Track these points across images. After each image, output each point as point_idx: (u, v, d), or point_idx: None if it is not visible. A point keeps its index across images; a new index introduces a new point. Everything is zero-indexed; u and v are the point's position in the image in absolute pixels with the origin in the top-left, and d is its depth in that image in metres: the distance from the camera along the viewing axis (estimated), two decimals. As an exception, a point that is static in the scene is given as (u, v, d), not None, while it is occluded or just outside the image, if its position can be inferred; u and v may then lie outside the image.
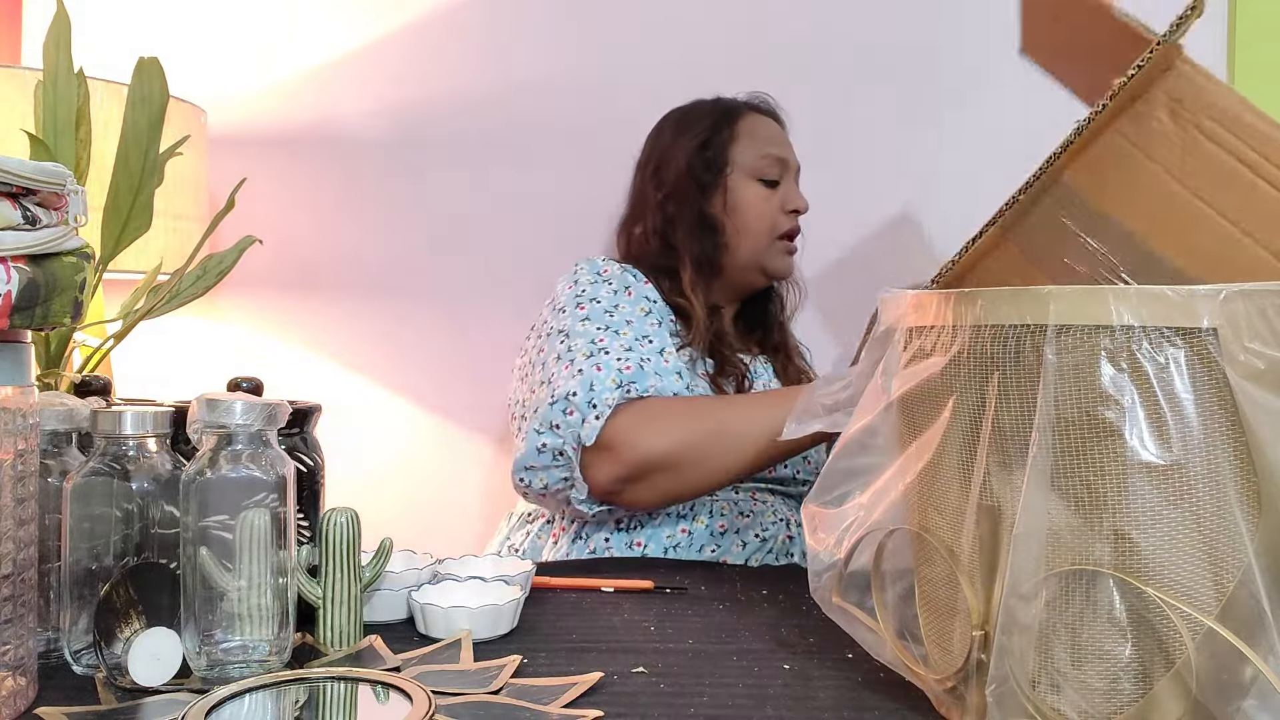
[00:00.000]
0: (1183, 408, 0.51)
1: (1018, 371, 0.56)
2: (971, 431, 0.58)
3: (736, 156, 1.33)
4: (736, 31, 1.89)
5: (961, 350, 0.58)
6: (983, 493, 0.57)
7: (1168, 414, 0.52)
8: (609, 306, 1.20)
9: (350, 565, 0.77)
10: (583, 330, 1.16)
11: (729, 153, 1.33)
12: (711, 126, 1.34)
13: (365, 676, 0.67)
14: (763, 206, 1.32)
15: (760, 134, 1.34)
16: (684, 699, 0.67)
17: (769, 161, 1.33)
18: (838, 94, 1.89)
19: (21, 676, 0.64)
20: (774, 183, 1.33)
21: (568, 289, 1.25)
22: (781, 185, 1.34)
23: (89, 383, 0.91)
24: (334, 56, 1.88)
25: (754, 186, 1.33)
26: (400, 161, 1.89)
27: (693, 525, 1.17)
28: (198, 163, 1.62)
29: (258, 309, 1.89)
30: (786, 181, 1.35)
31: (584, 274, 1.26)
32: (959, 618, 0.60)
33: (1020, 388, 0.56)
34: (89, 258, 0.66)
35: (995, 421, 0.57)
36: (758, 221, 1.32)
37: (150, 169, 1.15)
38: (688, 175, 1.33)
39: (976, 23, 1.81)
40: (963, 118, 1.83)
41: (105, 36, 1.81)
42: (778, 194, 1.34)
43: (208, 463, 0.69)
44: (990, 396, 0.57)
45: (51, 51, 1.13)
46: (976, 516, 0.58)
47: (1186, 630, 0.51)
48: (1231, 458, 0.51)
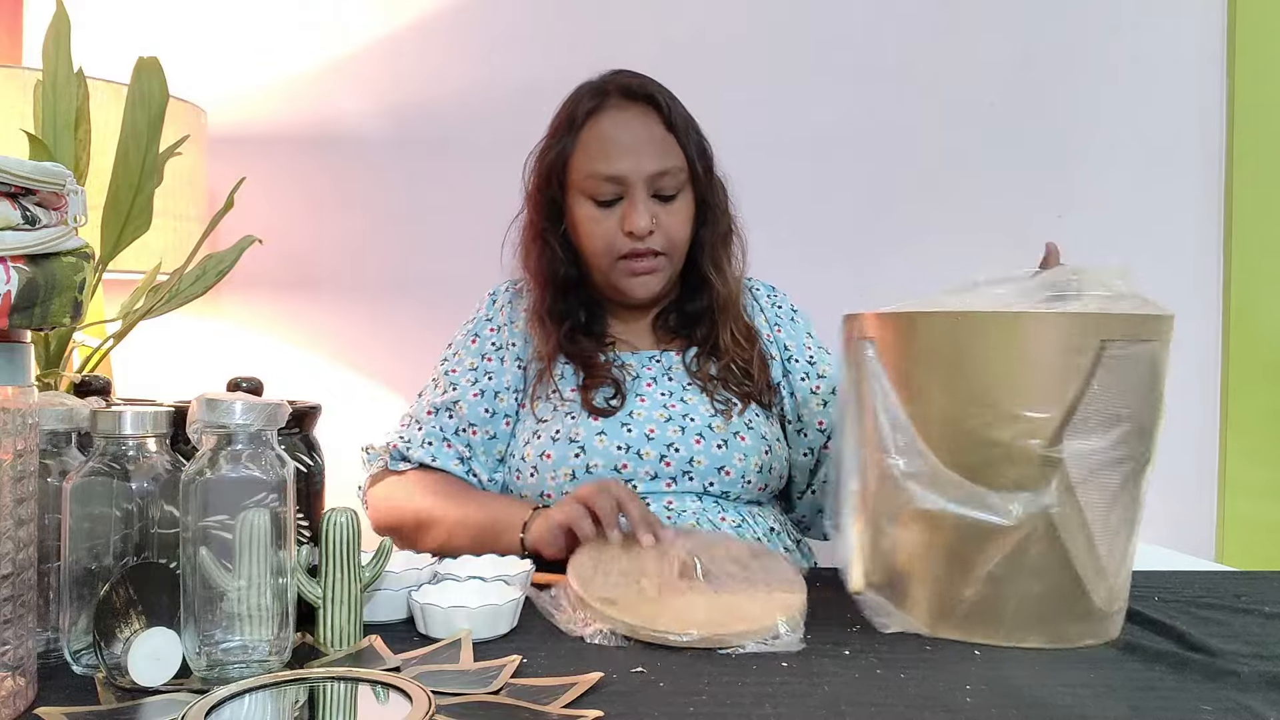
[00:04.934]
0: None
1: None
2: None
3: (573, 173, 1.22)
4: (737, 31, 1.89)
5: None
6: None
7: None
8: (449, 353, 1.32)
9: (350, 565, 0.77)
10: (432, 374, 1.32)
11: (569, 167, 1.23)
12: (559, 132, 1.24)
13: (365, 676, 0.66)
14: (594, 228, 1.21)
15: (600, 146, 1.20)
16: (684, 699, 0.67)
17: (597, 182, 1.19)
18: (846, 89, 1.89)
19: (21, 676, 0.64)
20: (608, 203, 1.21)
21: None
22: (621, 204, 1.20)
23: (89, 383, 0.91)
24: (334, 56, 1.88)
25: (586, 207, 1.22)
26: (400, 161, 1.89)
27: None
28: (197, 162, 1.62)
29: (258, 309, 1.89)
30: (629, 197, 1.19)
31: (475, 309, 1.37)
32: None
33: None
34: (89, 258, 0.66)
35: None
36: (591, 243, 1.22)
37: (150, 169, 1.15)
38: (536, 189, 1.27)
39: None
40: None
41: (105, 36, 1.81)
42: (614, 214, 1.20)
43: (208, 463, 0.69)
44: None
45: (51, 51, 1.13)
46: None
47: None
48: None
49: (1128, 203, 1.90)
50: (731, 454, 1.19)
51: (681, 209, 1.23)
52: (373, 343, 1.90)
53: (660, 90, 1.24)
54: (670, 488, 1.18)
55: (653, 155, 1.20)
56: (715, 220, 1.28)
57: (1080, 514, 0.78)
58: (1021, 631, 0.80)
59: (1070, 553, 0.79)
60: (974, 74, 1.90)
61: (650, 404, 1.21)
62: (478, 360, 1.28)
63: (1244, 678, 0.72)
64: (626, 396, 1.21)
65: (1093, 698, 0.68)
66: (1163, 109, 1.90)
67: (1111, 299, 0.79)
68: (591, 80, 1.26)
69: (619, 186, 1.20)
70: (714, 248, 1.28)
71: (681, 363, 1.27)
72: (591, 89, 1.24)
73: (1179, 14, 1.90)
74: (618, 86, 1.23)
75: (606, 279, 1.25)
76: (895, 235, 1.90)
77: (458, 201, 1.88)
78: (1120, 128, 1.90)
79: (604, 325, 1.30)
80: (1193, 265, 1.90)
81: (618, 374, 1.23)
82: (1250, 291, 1.88)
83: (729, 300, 1.28)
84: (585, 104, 1.22)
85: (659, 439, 1.18)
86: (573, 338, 1.26)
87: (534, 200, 1.28)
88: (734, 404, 1.23)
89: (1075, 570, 0.79)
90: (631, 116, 1.21)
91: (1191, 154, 1.91)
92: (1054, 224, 1.91)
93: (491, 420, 1.24)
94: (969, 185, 1.90)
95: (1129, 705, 0.67)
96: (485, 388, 1.25)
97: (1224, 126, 1.90)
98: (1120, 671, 0.74)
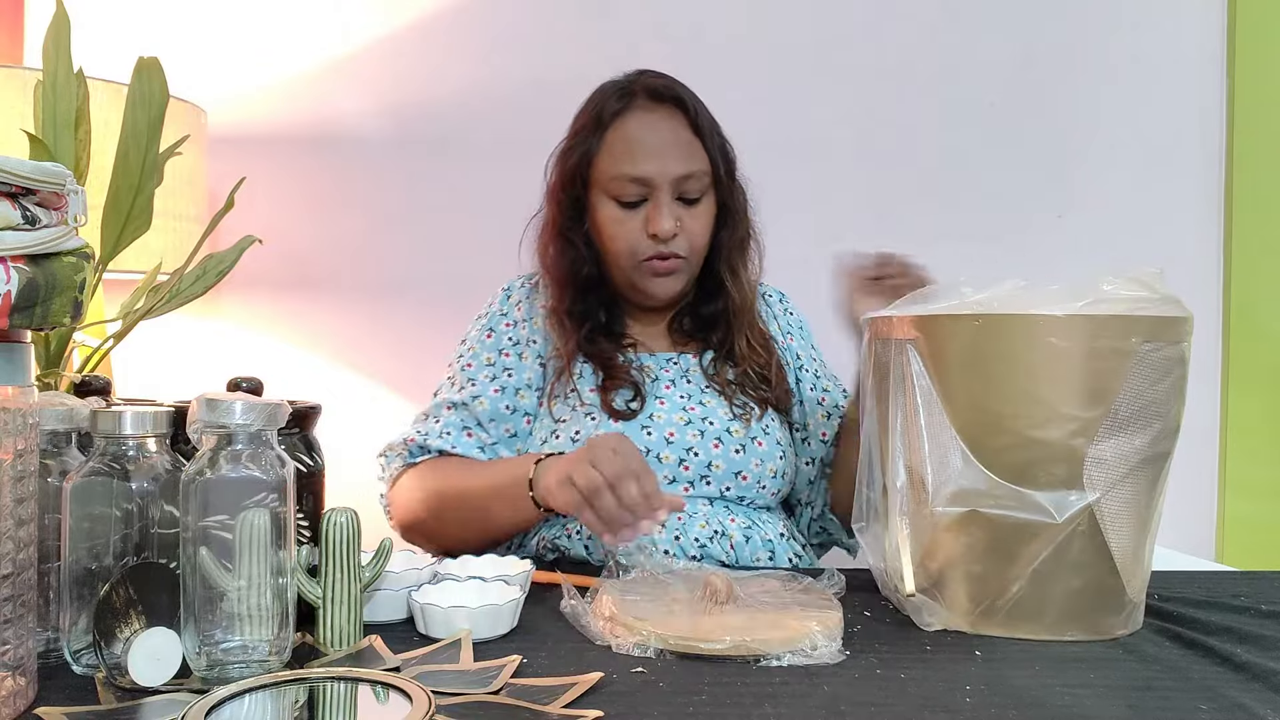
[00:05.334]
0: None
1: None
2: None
3: (597, 173, 1.21)
4: (737, 31, 1.89)
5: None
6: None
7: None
8: (463, 349, 1.30)
9: (350, 565, 0.77)
10: (447, 371, 1.30)
11: (593, 167, 1.22)
12: (584, 131, 1.23)
13: (365, 676, 0.66)
14: (617, 229, 1.21)
15: (625, 147, 1.19)
16: (683, 698, 0.67)
17: (622, 183, 1.18)
18: (846, 89, 1.89)
19: (21, 676, 0.64)
20: (633, 204, 1.20)
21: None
22: (645, 206, 1.20)
23: (89, 383, 0.91)
24: (334, 56, 1.88)
25: (609, 208, 1.21)
26: (400, 161, 1.89)
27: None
28: (197, 162, 1.62)
29: (258, 309, 1.89)
30: (654, 200, 1.19)
31: (487, 304, 1.34)
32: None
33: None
34: (89, 258, 0.66)
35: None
36: (613, 244, 1.21)
37: (150, 169, 1.15)
38: (559, 188, 1.25)
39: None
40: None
41: (105, 36, 1.81)
42: (638, 215, 1.20)
43: (208, 463, 0.69)
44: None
45: (51, 51, 1.13)
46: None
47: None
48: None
49: (1128, 203, 1.90)
50: (749, 459, 1.18)
51: (704, 213, 1.23)
52: (373, 343, 1.90)
53: (686, 92, 1.23)
54: (688, 491, 1.17)
55: (679, 158, 1.19)
56: (734, 224, 1.27)
57: (1121, 509, 0.81)
58: (1062, 625, 0.82)
59: (1111, 547, 0.81)
60: (974, 74, 1.90)
61: (670, 407, 1.20)
62: (495, 356, 1.26)
63: (1242, 677, 0.72)
64: (646, 399, 1.20)
65: (1091, 697, 0.68)
66: (1163, 109, 1.90)
67: (1148, 300, 0.80)
68: (616, 79, 1.25)
69: (644, 188, 1.19)
70: (731, 252, 1.27)
71: (699, 365, 1.27)
72: (617, 89, 1.23)
73: (1179, 14, 1.90)
74: (644, 87, 1.22)
75: (628, 279, 1.24)
76: (895, 236, 1.89)
77: (458, 201, 1.88)
78: (1120, 128, 1.90)
79: (623, 326, 1.29)
80: (1193, 265, 1.90)
81: (637, 376, 1.22)
82: (1250, 291, 1.88)
83: (743, 306, 1.28)
84: (612, 104, 1.21)
85: (678, 442, 1.17)
86: (592, 338, 1.24)
87: (556, 198, 1.26)
88: (752, 409, 1.22)
89: (1114, 564, 0.81)
90: (659, 119, 1.20)
91: (1191, 154, 1.91)
92: (1054, 224, 1.91)
93: (512, 417, 1.22)
94: (969, 185, 1.90)
95: (1127, 705, 0.67)
96: (505, 384, 1.23)
97: (1224, 126, 1.90)
98: (1119, 671, 0.74)
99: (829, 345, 1.38)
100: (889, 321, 0.88)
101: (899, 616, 0.88)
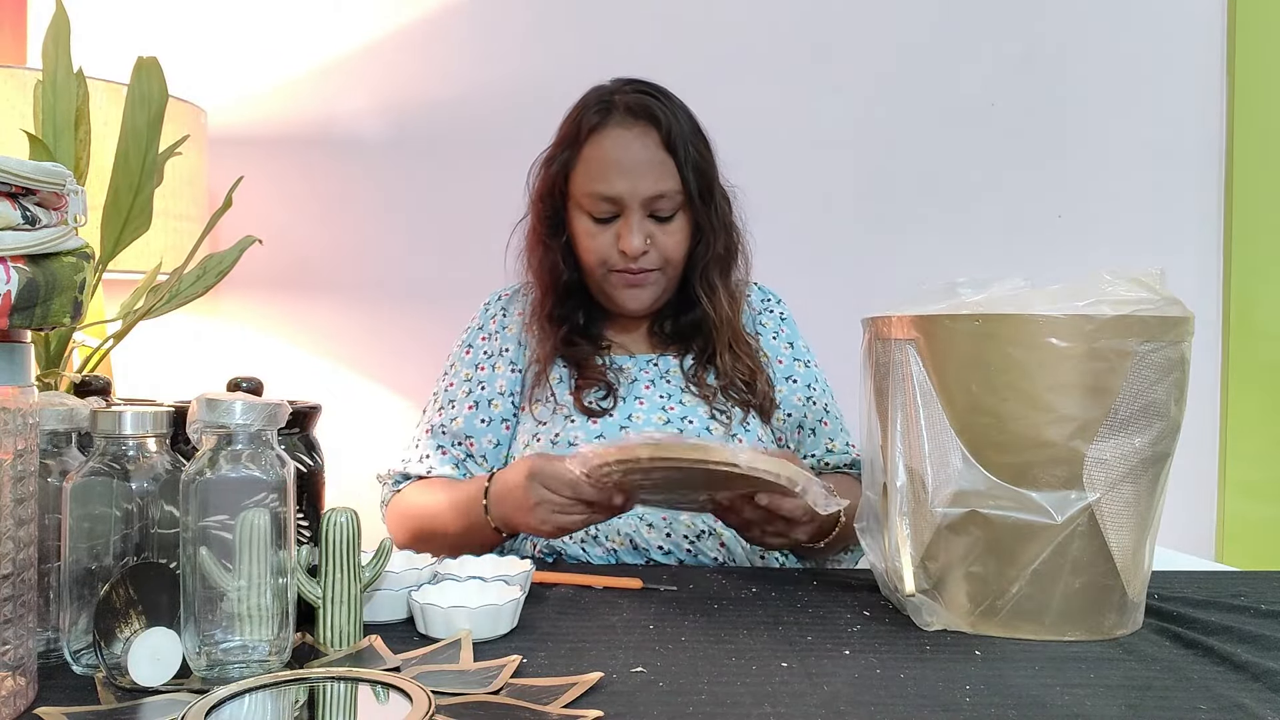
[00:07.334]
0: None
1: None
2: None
3: (573, 187, 1.24)
4: (737, 30, 1.89)
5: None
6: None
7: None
8: (447, 366, 1.34)
9: (350, 565, 0.77)
10: (433, 391, 1.34)
11: (570, 181, 1.24)
12: (564, 142, 1.25)
13: (365, 676, 0.67)
14: (589, 243, 1.23)
15: (599, 165, 1.21)
16: (683, 698, 0.67)
17: (595, 200, 1.21)
18: (846, 89, 1.89)
19: (21, 676, 0.64)
20: (605, 219, 1.22)
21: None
22: (617, 221, 1.21)
23: (89, 383, 0.91)
24: (334, 56, 1.88)
25: (584, 221, 1.23)
26: (400, 161, 1.89)
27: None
28: (197, 163, 1.62)
29: (258, 309, 1.89)
30: (625, 218, 1.21)
31: (470, 320, 1.38)
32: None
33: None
34: (89, 258, 0.66)
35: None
36: (586, 256, 1.24)
37: (150, 169, 1.15)
38: (539, 197, 1.28)
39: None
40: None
41: (105, 36, 1.81)
42: (610, 230, 1.22)
43: (208, 463, 0.69)
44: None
45: (51, 51, 1.13)
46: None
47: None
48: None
49: (1128, 203, 1.90)
50: None
51: (677, 229, 1.24)
52: (373, 343, 1.90)
53: (664, 108, 1.22)
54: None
55: (649, 178, 1.20)
56: (711, 241, 1.26)
57: (1122, 510, 0.81)
58: (1062, 625, 0.81)
59: (1111, 548, 0.81)
60: (974, 74, 1.90)
61: (649, 406, 1.22)
62: (472, 371, 1.31)
63: (1242, 677, 0.72)
64: (622, 399, 1.22)
65: (1090, 697, 0.68)
66: (1163, 109, 1.90)
67: (1148, 301, 0.80)
68: (603, 86, 1.26)
69: (615, 206, 1.21)
70: (708, 267, 1.27)
71: (679, 367, 1.28)
72: (599, 101, 1.24)
73: (1179, 14, 1.90)
74: (623, 103, 1.22)
75: (600, 289, 1.27)
76: (895, 235, 1.90)
77: (458, 202, 1.88)
78: (1120, 128, 1.90)
79: (601, 329, 1.31)
80: (1193, 265, 1.90)
81: (611, 376, 1.25)
82: (1250, 291, 1.88)
83: (724, 319, 1.28)
84: (590, 118, 1.22)
85: None
86: (570, 340, 1.27)
87: (537, 207, 1.29)
88: (733, 411, 1.23)
89: (1114, 564, 0.81)
90: (633, 137, 1.21)
91: (1191, 154, 1.91)
92: (1054, 224, 1.91)
93: (490, 428, 1.26)
94: (969, 186, 1.90)
95: (1126, 704, 0.67)
96: (479, 398, 1.27)
97: (1224, 126, 1.90)
98: (1117, 671, 0.74)
99: (830, 345, 1.38)
100: (889, 322, 0.88)
101: (899, 616, 0.88)
